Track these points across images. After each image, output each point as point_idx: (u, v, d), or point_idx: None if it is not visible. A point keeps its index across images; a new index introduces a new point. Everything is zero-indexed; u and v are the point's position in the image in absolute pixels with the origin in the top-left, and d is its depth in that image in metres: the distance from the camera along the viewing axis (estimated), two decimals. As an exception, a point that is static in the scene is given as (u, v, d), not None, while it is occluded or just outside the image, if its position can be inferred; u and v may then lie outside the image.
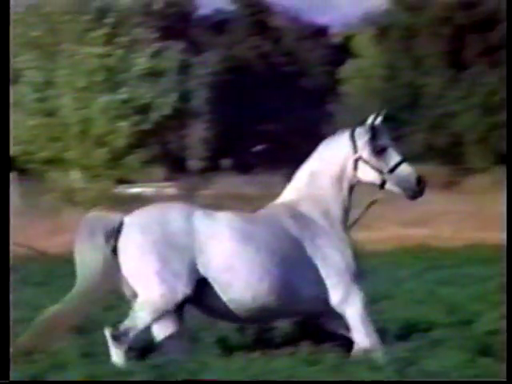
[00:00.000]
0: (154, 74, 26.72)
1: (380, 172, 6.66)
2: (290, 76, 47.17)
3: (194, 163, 39.44)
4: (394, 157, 6.68)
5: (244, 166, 35.06)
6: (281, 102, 45.83)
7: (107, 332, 6.29)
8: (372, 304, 6.88)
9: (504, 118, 32.10)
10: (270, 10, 51.42)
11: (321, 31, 51.58)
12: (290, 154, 41.49)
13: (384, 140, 6.71)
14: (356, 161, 6.68)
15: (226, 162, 36.00)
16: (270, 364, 6.28)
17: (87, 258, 6.35)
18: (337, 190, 6.68)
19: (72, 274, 6.55)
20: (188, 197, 25.98)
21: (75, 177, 26.07)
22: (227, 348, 6.89)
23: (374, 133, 6.68)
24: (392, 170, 6.66)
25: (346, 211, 6.70)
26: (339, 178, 6.69)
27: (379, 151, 6.66)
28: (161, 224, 6.37)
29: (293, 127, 45.19)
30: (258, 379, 6.02)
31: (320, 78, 47.47)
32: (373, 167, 6.67)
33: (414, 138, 31.73)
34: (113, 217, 6.47)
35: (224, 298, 6.35)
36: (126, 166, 26.22)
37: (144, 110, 26.14)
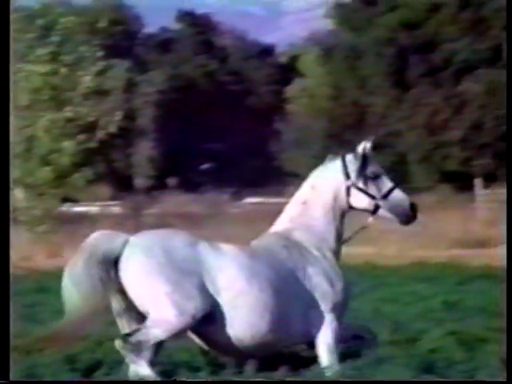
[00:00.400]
0: (99, 93, 26.56)
1: (373, 198, 6.71)
2: (237, 95, 47.30)
3: (140, 182, 39.25)
4: (386, 183, 6.74)
5: (190, 185, 34.99)
6: (227, 120, 45.92)
7: (118, 345, 6.23)
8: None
9: (447, 138, 32.60)
10: (216, 30, 51.59)
11: (267, 51, 51.89)
12: (237, 173, 41.64)
13: (375, 166, 6.77)
14: (348, 188, 6.71)
15: (172, 181, 35.89)
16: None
17: (89, 282, 6.28)
18: (330, 220, 6.71)
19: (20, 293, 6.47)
20: (134, 216, 25.83)
21: (19, 196, 25.75)
22: (174, 368, 6.85)
23: (365, 159, 6.73)
24: (385, 196, 6.70)
25: (339, 239, 6.75)
26: (332, 207, 6.71)
27: (372, 177, 6.71)
28: (165, 249, 6.33)
29: (239, 146, 45.28)
30: None
31: (266, 96, 47.69)
32: (366, 193, 6.70)
33: (359, 156, 31.92)
34: (114, 237, 6.41)
35: (225, 333, 6.34)
36: (71, 184, 25.95)
37: (89, 128, 25.95)
